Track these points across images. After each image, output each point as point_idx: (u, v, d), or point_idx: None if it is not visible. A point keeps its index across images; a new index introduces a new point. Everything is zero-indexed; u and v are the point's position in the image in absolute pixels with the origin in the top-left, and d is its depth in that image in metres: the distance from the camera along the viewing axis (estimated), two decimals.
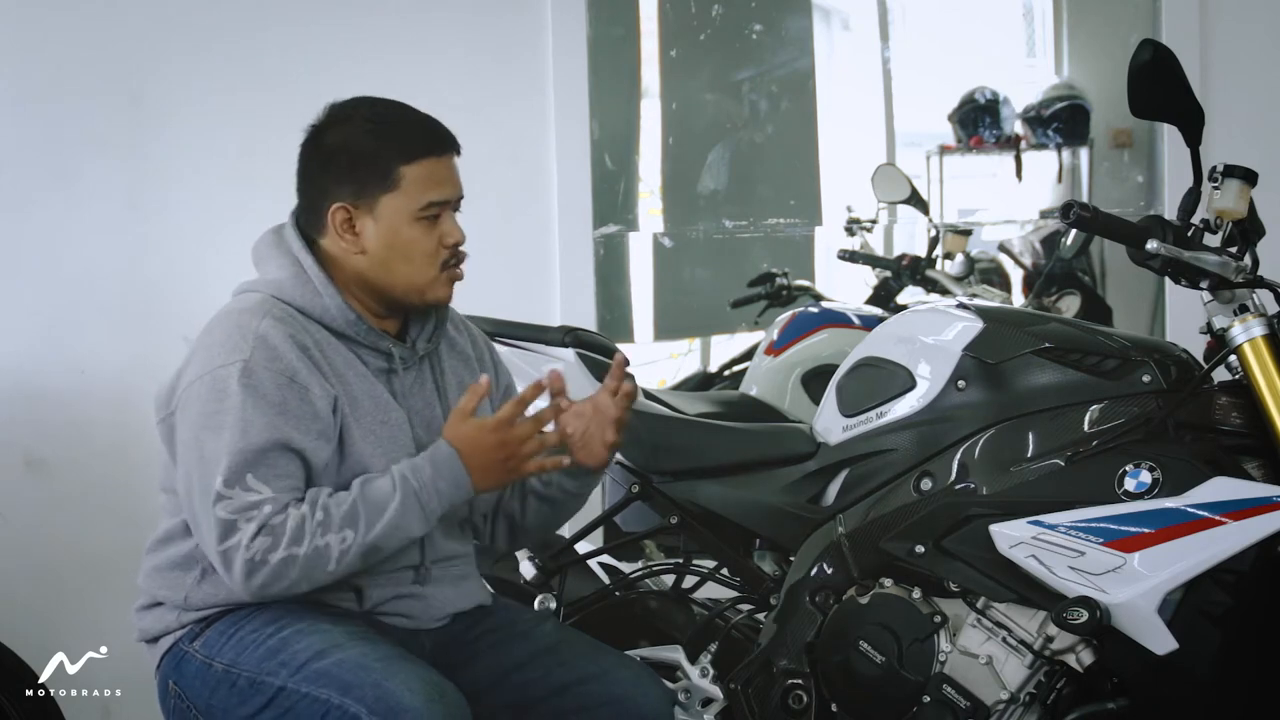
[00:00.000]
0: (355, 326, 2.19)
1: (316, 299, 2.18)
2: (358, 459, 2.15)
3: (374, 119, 2.21)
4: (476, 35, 3.71)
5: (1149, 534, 2.15)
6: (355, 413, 2.16)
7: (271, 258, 2.22)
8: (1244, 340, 2.23)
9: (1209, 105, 2.30)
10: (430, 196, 2.19)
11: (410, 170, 2.18)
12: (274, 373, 2.09)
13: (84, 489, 3.47)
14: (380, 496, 2.10)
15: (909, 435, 2.43)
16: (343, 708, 2.04)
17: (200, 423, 2.09)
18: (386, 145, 2.18)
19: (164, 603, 2.21)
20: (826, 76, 4.48)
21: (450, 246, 2.21)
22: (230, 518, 2.04)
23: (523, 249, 3.76)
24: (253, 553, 2.04)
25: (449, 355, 2.35)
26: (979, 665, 2.30)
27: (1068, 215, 2.22)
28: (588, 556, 2.78)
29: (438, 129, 2.23)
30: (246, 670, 2.11)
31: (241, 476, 2.05)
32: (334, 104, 2.24)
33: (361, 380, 2.19)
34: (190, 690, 2.17)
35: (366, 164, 2.18)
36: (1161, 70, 2.21)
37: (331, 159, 2.20)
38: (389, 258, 2.19)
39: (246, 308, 2.15)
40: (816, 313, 3.85)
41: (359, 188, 2.18)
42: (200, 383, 2.10)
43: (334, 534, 2.07)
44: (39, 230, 3.48)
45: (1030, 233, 4.61)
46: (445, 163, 2.21)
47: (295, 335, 2.13)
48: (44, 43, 3.47)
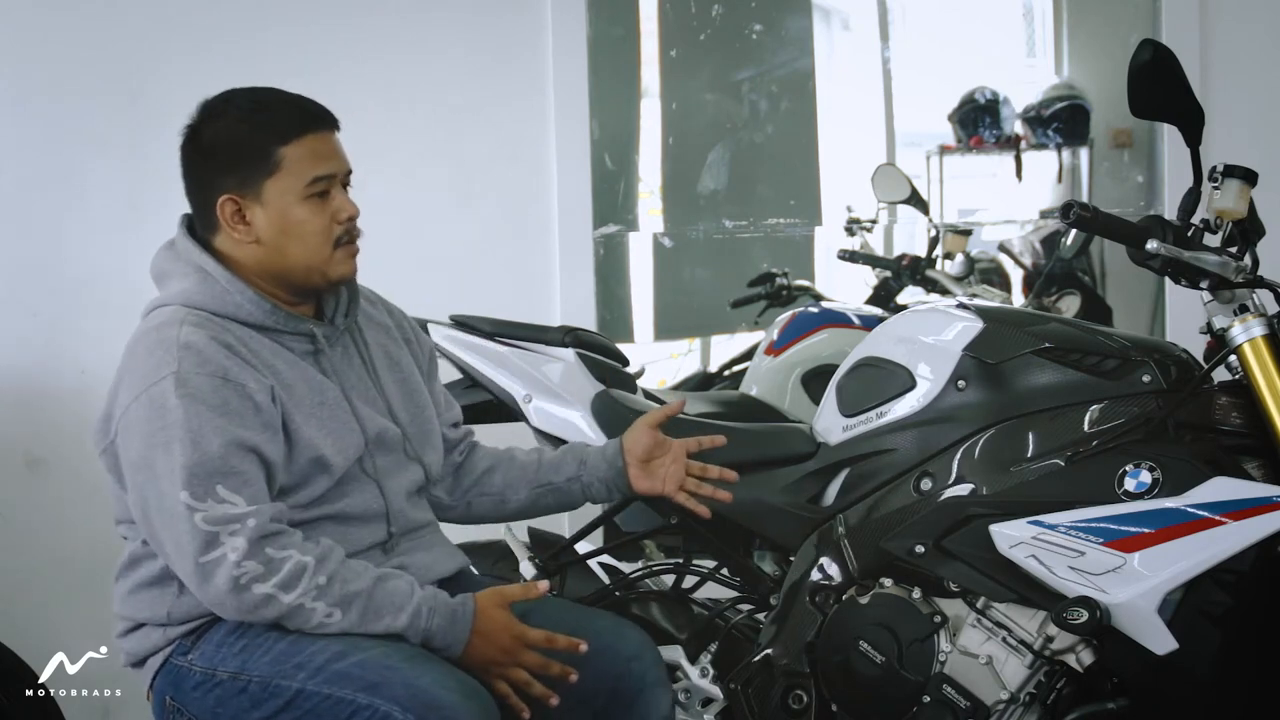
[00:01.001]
0: (272, 316, 2.19)
1: (227, 298, 2.17)
2: (306, 443, 2.15)
3: (246, 107, 2.21)
4: (476, 35, 3.71)
5: (1149, 534, 2.15)
6: (293, 399, 2.16)
7: (173, 270, 2.23)
8: (1244, 340, 2.23)
9: (1209, 105, 2.30)
10: (314, 172, 2.18)
11: (289, 150, 2.18)
12: (207, 375, 2.08)
13: (84, 489, 3.46)
14: (388, 604, 2.09)
15: (909, 435, 2.43)
16: (371, 707, 2.02)
17: (146, 442, 2.07)
18: (262, 130, 2.18)
19: (146, 623, 2.20)
20: (826, 76, 4.48)
21: (344, 222, 2.21)
22: (210, 529, 2.03)
23: (523, 249, 3.77)
24: (242, 573, 2.03)
25: (368, 326, 2.35)
26: (979, 665, 2.30)
27: (1068, 215, 2.22)
28: (588, 556, 2.78)
29: (309, 106, 2.23)
30: (258, 675, 2.09)
31: (210, 487, 2.03)
32: (205, 101, 2.25)
33: (291, 367, 2.19)
34: (190, 703, 2.16)
35: (246, 152, 2.18)
36: (1161, 70, 2.21)
37: (212, 154, 2.21)
38: (282, 242, 2.19)
39: (161, 322, 2.15)
40: (816, 313, 3.85)
41: (242, 177, 2.18)
42: (136, 404, 2.09)
43: (324, 605, 2.07)
44: (39, 230, 3.48)
45: (1030, 233, 4.61)
46: (324, 138, 2.21)
47: (217, 336, 2.12)
48: (44, 43, 3.47)
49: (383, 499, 2.24)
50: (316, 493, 2.17)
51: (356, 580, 2.09)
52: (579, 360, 2.83)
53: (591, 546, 2.82)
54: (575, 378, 2.80)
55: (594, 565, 2.81)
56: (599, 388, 2.78)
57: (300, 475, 2.15)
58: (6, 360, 3.44)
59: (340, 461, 2.19)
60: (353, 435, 2.21)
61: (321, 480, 2.17)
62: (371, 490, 2.23)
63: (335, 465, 2.18)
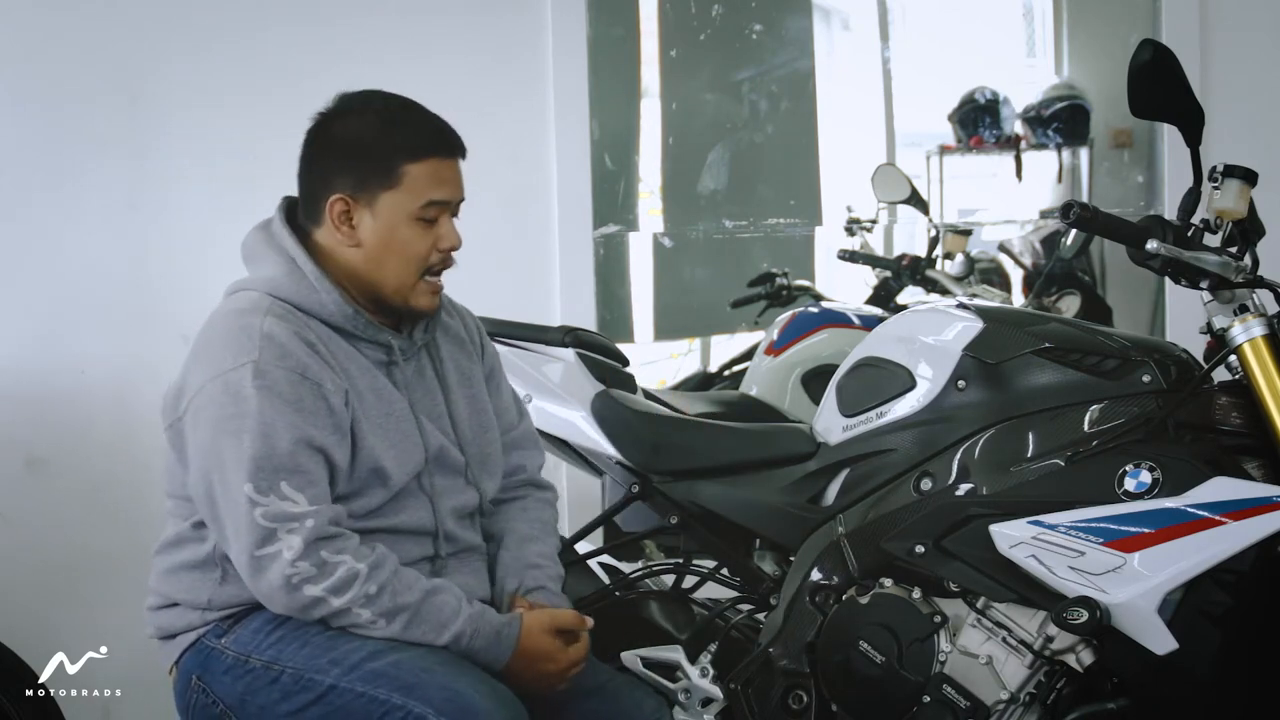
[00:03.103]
0: (353, 320, 2.18)
1: (313, 294, 2.16)
2: (368, 453, 2.14)
3: (384, 113, 2.20)
4: (476, 35, 3.71)
5: (1149, 534, 2.15)
6: (362, 406, 2.15)
7: (263, 255, 2.21)
8: (1244, 340, 2.22)
9: (1209, 105, 2.30)
10: (431, 196, 2.18)
11: (414, 168, 2.17)
12: (286, 370, 2.07)
13: (84, 489, 3.47)
14: (434, 620, 2.10)
15: (909, 435, 2.43)
16: (405, 708, 2.02)
17: (217, 427, 2.07)
18: (394, 140, 2.17)
19: (181, 604, 2.20)
20: (826, 76, 4.48)
21: (444, 250, 2.21)
22: (269, 525, 2.03)
23: (523, 249, 3.77)
24: (295, 572, 2.03)
25: (445, 341, 2.34)
26: (979, 665, 2.30)
27: (1068, 215, 2.22)
28: (588, 556, 2.78)
29: (446, 130, 2.22)
30: (291, 666, 2.09)
31: (275, 483, 2.03)
32: (345, 93, 2.23)
33: (364, 374, 2.18)
34: (218, 685, 2.15)
35: (371, 157, 2.17)
36: (1161, 70, 2.21)
37: (337, 148, 2.19)
38: (383, 255, 2.18)
39: (245, 307, 2.14)
40: (816, 313, 3.86)
41: (361, 180, 2.17)
42: (212, 385, 2.08)
43: (370, 613, 2.07)
44: (39, 230, 3.48)
45: (1030, 233, 4.61)
46: (450, 165, 2.21)
47: (299, 331, 2.11)
48: (44, 43, 3.47)
49: (434, 518, 2.23)
50: (373, 504, 2.16)
51: (407, 592, 2.09)
52: (579, 360, 2.82)
53: (591, 546, 2.82)
54: (575, 378, 2.80)
55: (594, 565, 2.81)
56: (599, 388, 2.78)
57: (359, 484, 2.14)
58: (6, 360, 3.44)
59: (400, 475, 2.18)
60: (415, 450, 2.20)
61: (379, 492, 2.16)
62: (425, 507, 2.22)
63: (394, 478, 2.17)
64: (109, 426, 3.47)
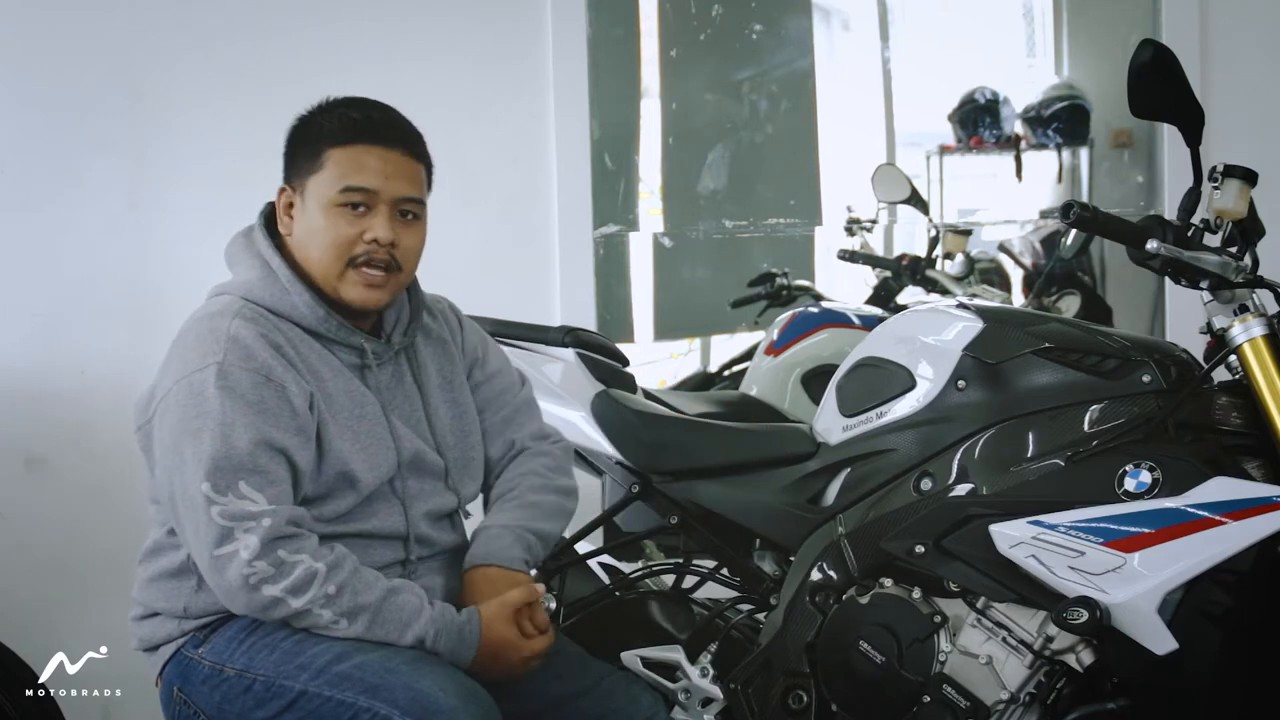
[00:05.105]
0: (325, 323, 2.18)
1: (285, 297, 2.17)
2: (336, 456, 2.14)
3: (329, 105, 2.22)
4: (477, 36, 3.71)
5: (1149, 534, 2.15)
6: (331, 409, 2.15)
7: (241, 259, 2.23)
8: (1244, 340, 2.23)
9: (1209, 105, 2.30)
10: (349, 181, 2.15)
11: (337, 153, 2.16)
12: (249, 372, 2.07)
13: (84, 489, 3.47)
14: (395, 620, 2.10)
15: (909, 435, 2.43)
16: (371, 710, 2.03)
17: (179, 428, 2.07)
18: (323, 126, 2.19)
19: (161, 613, 2.21)
20: (826, 76, 4.48)
21: (368, 242, 2.16)
22: (226, 524, 2.03)
23: (523, 249, 3.77)
24: (252, 571, 2.03)
25: (426, 345, 2.34)
26: (979, 665, 2.30)
27: (1068, 215, 2.22)
28: (588, 556, 2.78)
29: (375, 116, 2.20)
30: (263, 674, 2.10)
31: (233, 482, 2.04)
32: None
33: (336, 376, 2.18)
34: (197, 696, 2.16)
35: (305, 143, 2.19)
36: (1161, 70, 2.21)
37: (288, 142, 2.23)
38: (308, 240, 2.19)
39: (216, 311, 2.15)
40: (816, 313, 3.86)
41: (296, 168, 2.20)
42: (177, 388, 2.09)
43: (331, 613, 2.07)
44: (39, 230, 3.48)
45: (1030, 233, 4.61)
46: (376, 152, 2.17)
47: (267, 334, 2.12)
48: (44, 43, 3.47)
49: (406, 522, 2.23)
50: (342, 508, 2.16)
51: (367, 592, 2.09)
52: (579, 360, 2.83)
53: (591, 546, 2.82)
54: (575, 378, 2.80)
55: (594, 565, 2.81)
56: (599, 388, 2.78)
57: (326, 487, 2.14)
58: (6, 360, 3.44)
59: (370, 479, 2.18)
60: (386, 453, 2.20)
61: (348, 495, 2.16)
62: (397, 512, 2.22)
63: (364, 481, 2.17)
64: (109, 426, 3.46)
